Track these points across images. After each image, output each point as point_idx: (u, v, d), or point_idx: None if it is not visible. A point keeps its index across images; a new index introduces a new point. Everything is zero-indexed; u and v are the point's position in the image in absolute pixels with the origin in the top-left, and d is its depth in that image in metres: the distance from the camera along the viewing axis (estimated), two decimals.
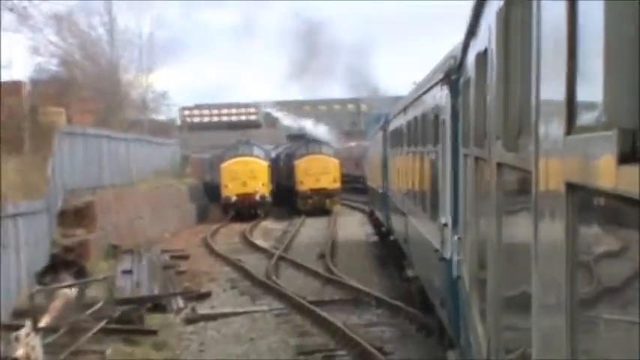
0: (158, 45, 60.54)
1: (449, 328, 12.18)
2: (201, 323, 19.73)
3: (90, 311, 16.08)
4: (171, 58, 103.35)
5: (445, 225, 11.83)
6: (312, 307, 19.58)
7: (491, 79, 5.07)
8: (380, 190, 30.19)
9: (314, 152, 49.59)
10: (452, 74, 11.26)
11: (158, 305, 21.75)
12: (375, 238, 34.88)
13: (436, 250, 12.79)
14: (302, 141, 54.17)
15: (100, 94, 52.76)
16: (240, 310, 20.73)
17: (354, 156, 58.45)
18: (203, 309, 21.56)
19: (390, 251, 26.28)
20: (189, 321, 19.99)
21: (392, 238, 25.28)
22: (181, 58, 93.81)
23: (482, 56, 5.83)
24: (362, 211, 46.73)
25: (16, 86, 38.33)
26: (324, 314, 18.68)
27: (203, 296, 23.26)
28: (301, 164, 49.11)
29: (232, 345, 17.78)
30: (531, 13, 3.15)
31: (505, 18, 4.27)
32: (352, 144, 66.90)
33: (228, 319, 19.91)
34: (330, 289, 23.23)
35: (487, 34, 5.28)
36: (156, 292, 23.35)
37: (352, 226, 42.01)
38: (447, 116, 11.76)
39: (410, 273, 18.84)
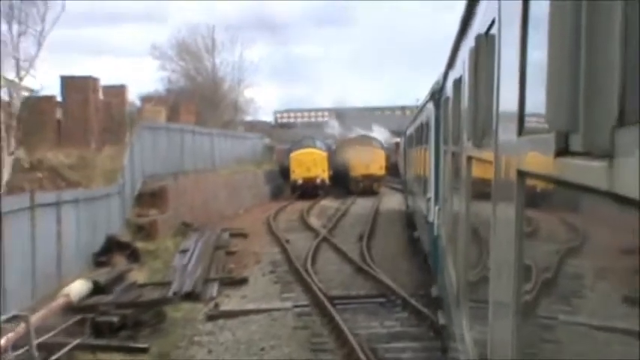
0: (247, 61, 54.15)
1: (433, 271, 11.72)
2: (221, 321, 13.11)
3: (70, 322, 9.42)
4: (259, 72, 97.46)
5: (430, 199, 11.70)
6: (333, 311, 12.71)
7: (464, 97, 4.91)
8: (403, 178, 29.15)
9: (364, 145, 42.62)
10: (436, 94, 10.90)
11: (192, 292, 15.34)
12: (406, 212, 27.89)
13: (425, 216, 12.95)
14: (356, 136, 47.45)
15: (202, 98, 46.87)
16: (264, 306, 14.01)
17: (399, 149, 51.29)
18: (233, 299, 14.98)
19: (409, 222, 23.40)
20: (210, 317, 13.40)
21: (409, 211, 24.16)
22: (271, 73, 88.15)
23: (458, 81, 5.62)
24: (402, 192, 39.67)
25: (120, 90, 32.49)
26: (343, 325, 11.80)
27: (240, 282, 16.68)
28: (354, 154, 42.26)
29: (241, 355, 11.13)
30: (494, 52, 3.01)
31: (475, 54, 4.00)
32: (398, 139, 59.93)
33: (248, 317, 13.24)
34: (359, 280, 16.33)
35: (462, 66, 5.12)
36: (198, 274, 16.87)
37: (393, 204, 34.79)
38: (433, 123, 11.41)
39: (415, 234, 18.58)
